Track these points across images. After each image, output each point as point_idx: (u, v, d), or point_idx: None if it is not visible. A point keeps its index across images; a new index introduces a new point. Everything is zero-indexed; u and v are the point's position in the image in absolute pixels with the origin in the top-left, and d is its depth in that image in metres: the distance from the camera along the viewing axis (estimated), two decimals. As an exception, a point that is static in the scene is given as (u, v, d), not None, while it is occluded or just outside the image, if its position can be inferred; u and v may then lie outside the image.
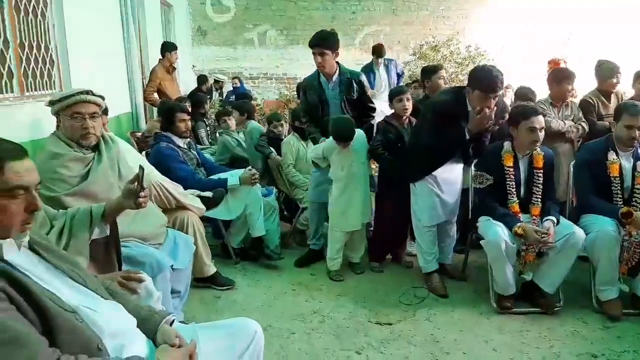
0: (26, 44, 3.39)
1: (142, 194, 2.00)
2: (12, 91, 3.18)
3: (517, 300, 3.11)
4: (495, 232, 2.91)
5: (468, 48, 10.22)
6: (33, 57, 3.48)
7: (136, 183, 2.02)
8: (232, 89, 9.17)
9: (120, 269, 2.12)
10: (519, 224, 2.92)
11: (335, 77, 3.85)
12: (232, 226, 3.88)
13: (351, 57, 10.44)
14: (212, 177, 3.83)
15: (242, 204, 3.71)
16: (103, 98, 2.51)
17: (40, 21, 3.61)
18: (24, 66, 3.35)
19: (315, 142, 3.99)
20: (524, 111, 3.05)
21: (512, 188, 3.05)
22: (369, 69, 7.09)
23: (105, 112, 3.34)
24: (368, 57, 10.27)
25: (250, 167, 3.94)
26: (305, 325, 2.94)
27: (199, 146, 4.58)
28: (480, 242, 3.02)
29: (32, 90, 3.44)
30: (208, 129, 5.95)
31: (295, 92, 7.65)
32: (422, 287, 3.41)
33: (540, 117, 3.02)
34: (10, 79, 3.15)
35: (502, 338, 2.79)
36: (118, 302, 1.52)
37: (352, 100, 3.83)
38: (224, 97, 8.76)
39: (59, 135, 2.40)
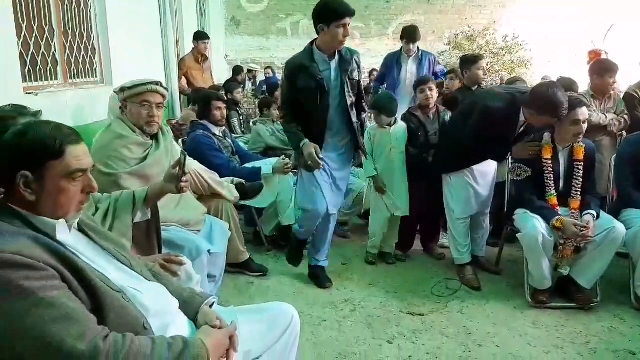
0: (70, 33, 3.49)
1: (183, 178, 2.05)
2: (56, 78, 3.29)
3: (553, 295, 3.06)
4: (532, 225, 2.86)
5: (505, 38, 9.99)
6: (76, 45, 3.59)
7: (178, 168, 2.08)
8: (264, 78, 9.23)
9: (160, 252, 2.18)
10: (557, 217, 2.86)
11: (336, 55, 3.02)
12: (264, 214, 3.93)
13: (384, 46, 10.37)
14: (246, 165, 3.88)
15: (275, 192, 3.75)
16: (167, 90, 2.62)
17: (83, 10, 3.71)
18: (68, 54, 3.46)
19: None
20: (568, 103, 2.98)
21: (551, 180, 2.99)
22: (393, 60, 5.57)
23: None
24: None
25: (283, 156, 3.98)
26: (336, 314, 2.97)
27: (233, 135, 4.64)
28: (517, 235, 2.98)
29: (74, 78, 3.54)
30: (241, 118, 6.02)
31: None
32: (455, 279, 3.39)
33: (585, 109, 2.94)
34: (55, 67, 3.26)
35: (536, 332, 2.76)
36: (161, 284, 1.57)
37: (353, 84, 3.06)
38: (257, 86, 8.82)
39: (123, 120, 2.53)
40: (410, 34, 5.36)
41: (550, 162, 3.01)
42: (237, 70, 8.43)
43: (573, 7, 9.81)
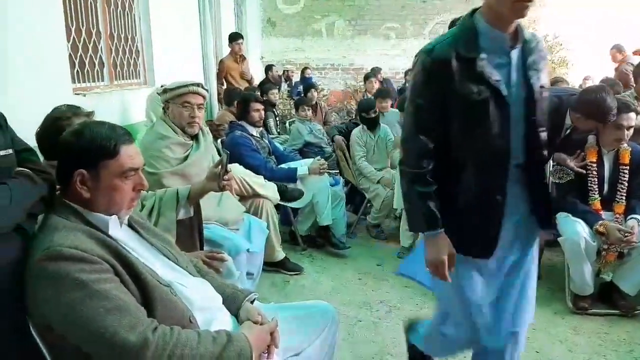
0: (115, 36, 3.62)
1: (225, 177, 2.10)
2: (102, 80, 3.41)
3: (595, 301, 2.99)
4: (574, 230, 2.79)
5: (545, 37, 9.73)
6: (121, 47, 3.72)
7: (220, 167, 2.14)
8: (299, 79, 9.28)
9: (202, 249, 2.24)
10: (600, 221, 2.79)
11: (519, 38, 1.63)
12: (299, 214, 3.97)
13: (420, 47, 10.28)
14: (282, 166, 3.93)
15: (310, 192, 3.78)
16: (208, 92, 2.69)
17: (127, 13, 3.83)
18: (113, 56, 3.58)
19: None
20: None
21: (595, 184, 2.92)
22: None
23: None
24: (437, 47, 10.10)
25: (319, 157, 4.01)
26: (372, 314, 2.97)
27: (269, 135, 4.71)
28: (558, 239, 2.92)
29: (119, 79, 3.67)
30: (277, 119, 6.09)
31: (362, 82, 7.56)
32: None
33: (632, 115, 2.84)
34: (101, 69, 3.38)
35: (577, 339, 2.69)
36: (205, 280, 1.61)
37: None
38: (292, 87, 8.89)
39: (165, 120, 2.61)
40: None
41: (594, 165, 2.93)
42: (267, 68, 8.49)
43: (613, 8, 9.49)
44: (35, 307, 1.26)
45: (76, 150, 1.33)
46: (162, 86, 2.90)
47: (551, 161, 3.17)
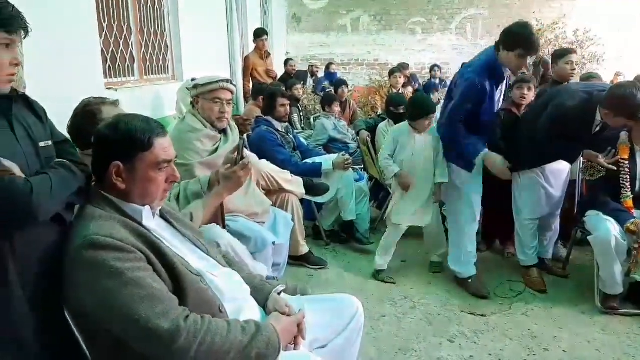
0: (145, 31, 3.68)
1: (241, 172, 2.12)
2: (133, 75, 3.48)
3: (624, 301, 2.93)
4: (605, 228, 2.74)
5: (575, 32, 9.52)
6: (151, 43, 3.78)
7: (236, 152, 2.18)
8: (323, 75, 9.27)
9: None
10: (632, 220, 2.73)
11: None
12: (324, 209, 3.99)
13: (446, 42, 10.17)
14: (307, 161, 3.94)
15: (335, 187, 3.79)
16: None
17: (157, 9, 3.90)
18: (143, 51, 3.65)
19: None
20: None
21: (627, 182, 2.85)
22: None
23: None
24: (464, 43, 10.00)
25: (343, 152, 4.01)
26: (395, 310, 2.98)
27: (294, 130, 4.73)
28: (588, 237, 2.87)
29: (149, 74, 3.73)
30: (301, 114, 6.10)
31: (387, 77, 7.51)
32: (519, 281, 3.30)
33: None
34: (132, 64, 3.45)
35: (606, 339, 2.65)
36: (234, 270, 1.64)
37: None
38: (317, 83, 8.89)
39: (195, 115, 2.67)
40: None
41: (627, 162, 2.87)
42: (285, 62, 8.48)
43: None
44: (71, 293, 1.30)
45: (112, 143, 1.37)
46: (192, 79, 2.95)
47: (581, 158, 3.11)
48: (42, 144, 1.36)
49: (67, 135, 1.71)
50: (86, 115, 1.94)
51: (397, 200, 3.32)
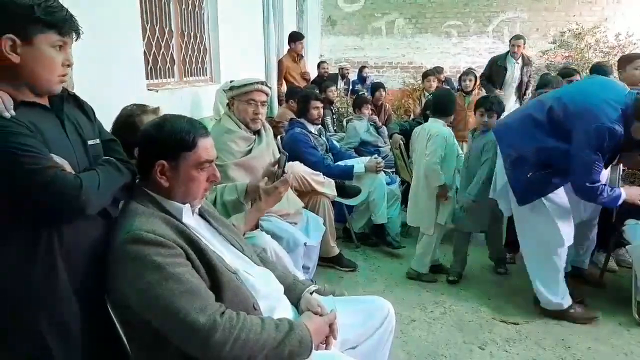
0: (185, 34, 3.78)
1: (282, 188, 2.15)
2: (173, 77, 3.58)
3: (664, 314, 2.84)
4: (644, 238, 2.66)
5: (617, 36, 9.24)
6: (190, 45, 3.88)
7: (277, 166, 2.21)
8: (356, 77, 9.28)
9: None
10: None
11: None
12: (354, 211, 4.00)
13: (483, 45, 10.02)
14: (339, 163, 3.96)
15: (366, 190, 3.80)
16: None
17: (197, 12, 3.99)
18: (183, 54, 3.75)
19: None
20: None
21: (668, 190, 2.76)
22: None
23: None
24: (501, 47, 9.83)
25: (375, 155, 4.02)
26: (426, 315, 2.96)
27: (327, 133, 4.77)
28: (627, 247, 2.79)
29: (188, 76, 3.83)
30: (334, 116, 6.13)
31: (421, 81, 7.46)
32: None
33: None
34: (172, 66, 3.55)
35: (644, 353, 2.57)
36: (268, 269, 1.68)
37: None
38: (350, 85, 8.91)
39: (230, 116, 2.75)
40: None
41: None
42: (318, 65, 8.52)
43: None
44: (114, 285, 1.36)
45: (157, 142, 1.43)
46: (230, 82, 3.02)
47: (621, 165, 3.03)
48: (90, 142, 1.42)
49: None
50: (128, 126, 2.01)
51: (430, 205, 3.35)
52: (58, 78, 1.33)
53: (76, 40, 1.36)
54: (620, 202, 2.65)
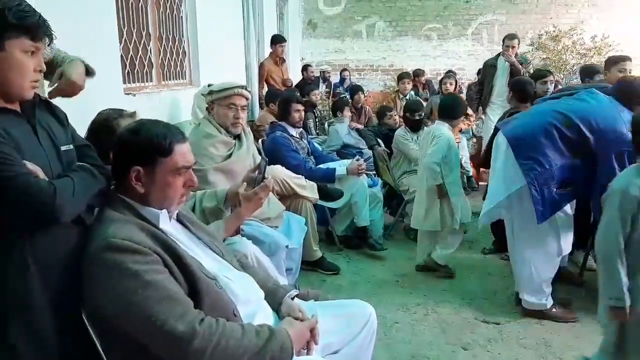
0: (163, 37, 3.74)
1: (262, 193, 2.13)
2: (151, 80, 3.53)
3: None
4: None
5: (594, 38, 9.42)
6: (169, 49, 3.83)
7: (257, 172, 2.19)
8: (338, 80, 9.30)
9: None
10: None
11: None
12: (337, 214, 4.00)
13: (462, 47, 10.13)
14: (321, 166, 3.96)
15: (348, 193, 3.80)
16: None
17: (175, 15, 3.95)
18: (161, 57, 3.70)
19: None
20: None
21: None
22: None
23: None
24: (480, 49, 9.95)
25: (357, 157, 4.02)
26: (409, 316, 2.97)
27: (309, 136, 4.76)
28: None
29: (167, 80, 3.79)
30: (316, 119, 6.13)
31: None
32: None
33: None
34: (150, 69, 3.51)
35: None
36: (248, 274, 1.66)
37: None
38: (331, 88, 8.92)
39: (210, 120, 2.71)
40: None
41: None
42: (304, 68, 8.52)
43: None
44: (90, 294, 1.33)
45: (133, 148, 1.40)
46: (208, 85, 2.99)
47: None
48: (63, 148, 1.39)
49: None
50: (104, 131, 1.98)
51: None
52: (30, 84, 1.31)
53: (49, 45, 1.33)
54: None
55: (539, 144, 2.67)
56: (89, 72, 1.86)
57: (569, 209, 2.85)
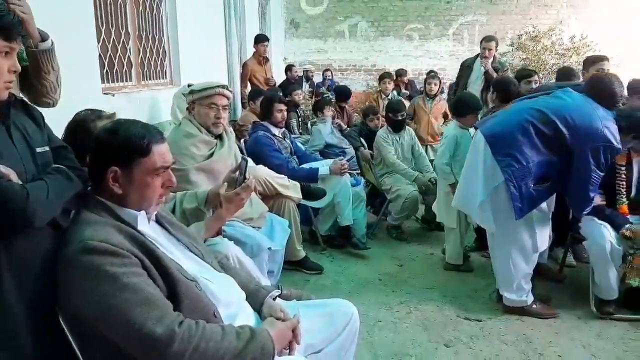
0: (143, 36, 3.69)
1: (243, 194, 2.12)
2: (130, 80, 3.49)
3: (620, 306, 2.93)
4: (600, 233, 2.76)
5: (572, 38, 9.59)
6: (149, 48, 3.79)
7: (237, 172, 2.18)
8: (321, 80, 9.31)
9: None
10: (627, 225, 2.75)
11: None
12: (320, 213, 3.99)
13: (443, 48, 10.22)
14: (304, 166, 3.95)
15: (331, 193, 3.80)
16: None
17: (155, 14, 3.91)
18: (141, 57, 3.66)
19: None
20: None
21: (622, 188, 2.87)
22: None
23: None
24: (461, 49, 10.05)
25: (340, 157, 4.03)
26: (392, 315, 2.98)
27: (292, 135, 4.75)
28: (583, 242, 2.88)
29: (147, 79, 3.74)
30: (299, 119, 6.12)
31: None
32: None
33: None
34: (129, 69, 3.46)
35: (601, 344, 2.65)
36: (229, 276, 1.65)
37: None
38: (314, 88, 8.92)
39: (191, 120, 2.69)
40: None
41: (623, 168, 2.88)
42: (287, 67, 8.53)
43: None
44: (66, 298, 1.30)
45: (111, 148, 1.38)
46: (189, 85, 2.96)
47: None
48: (39, 150, 1.36)
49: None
50: (81, 132, 1.94)
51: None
52: (4, 84, 1.28)
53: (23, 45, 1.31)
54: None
55: (516, 141, 2.69)
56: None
57: (545, 205, 2.89)
